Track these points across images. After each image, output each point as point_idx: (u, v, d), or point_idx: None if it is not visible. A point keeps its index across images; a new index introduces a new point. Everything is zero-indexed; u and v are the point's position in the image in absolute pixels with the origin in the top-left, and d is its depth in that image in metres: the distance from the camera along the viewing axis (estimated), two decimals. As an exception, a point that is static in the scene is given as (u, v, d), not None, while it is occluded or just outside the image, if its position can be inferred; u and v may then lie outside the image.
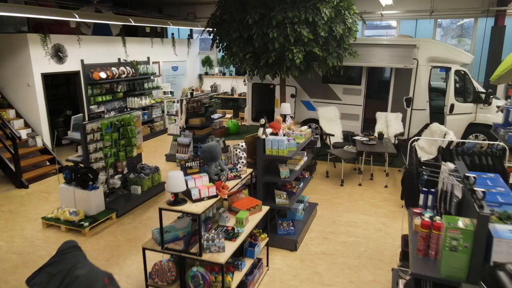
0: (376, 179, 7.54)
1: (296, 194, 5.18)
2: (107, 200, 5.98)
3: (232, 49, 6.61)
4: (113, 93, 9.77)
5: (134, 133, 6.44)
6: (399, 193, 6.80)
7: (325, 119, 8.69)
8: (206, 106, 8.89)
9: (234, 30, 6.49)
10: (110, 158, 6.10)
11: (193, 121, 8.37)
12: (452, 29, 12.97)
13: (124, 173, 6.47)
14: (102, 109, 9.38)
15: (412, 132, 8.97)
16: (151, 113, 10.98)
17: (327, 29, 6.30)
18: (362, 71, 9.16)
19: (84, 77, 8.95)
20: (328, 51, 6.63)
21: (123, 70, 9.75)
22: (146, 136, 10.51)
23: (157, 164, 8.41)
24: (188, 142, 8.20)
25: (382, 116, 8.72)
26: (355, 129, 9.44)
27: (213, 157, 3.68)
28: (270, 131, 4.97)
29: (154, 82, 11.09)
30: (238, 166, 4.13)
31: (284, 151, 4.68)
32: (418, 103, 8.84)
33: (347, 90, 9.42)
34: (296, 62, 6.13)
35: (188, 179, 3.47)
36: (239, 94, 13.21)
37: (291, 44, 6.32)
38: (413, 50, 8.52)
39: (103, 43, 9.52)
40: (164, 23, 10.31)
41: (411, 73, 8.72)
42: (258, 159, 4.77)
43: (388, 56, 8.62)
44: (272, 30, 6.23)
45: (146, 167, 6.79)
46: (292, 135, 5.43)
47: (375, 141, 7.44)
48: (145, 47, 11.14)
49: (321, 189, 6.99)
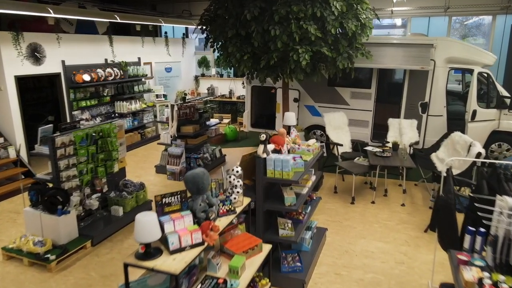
0: (390, 195, 6.69)
1: (303, 223, 4.33)
2: (82, 225, 5.13)
3: (228, 49, 5.74)
4: (99, 97, 8.91)
5: (115, 145, 5.59)
6: (419, 213, 5.96)
7: (332, 126, 7.83)
8: (201, 112, 8.04)
9: (230, 27, 5.64)
10: (86, 176, 5.25)
11: (185, 129, 7.53)
12: (455, 28, 12.12)
13: (104, 191, 5.62)
14: (87, 114, 8.53)
15: (428, 141, 8.12)
16: (142, 118, 10.13)
17: (338, 25, 5.44)
18: (372, 73, 8.32)
19: (66, 79, 8.10)
20: (338, 51, 5.78)
21: (110, 72, 8.90)
22: (136, 143, 9.67)
23: (146, 177, 7.59)
24: (179, 153, 7.36)
25: (395, 123, 7.87)
26: (364, 137, 8.60)
27: (199, 189, 2.83)
28: (272, 147, 4.12)
29: (146, 84, 10.23)
30: (232, 197, 3.28)
31: (289, 173, 3.83)
32: (435, 108, 8.00)
33: (355, 94, 8.58)
34: (301, 64, 5.28)
35: (165, 221, 2.62)
36: (237, 97, 12.35)
37: (296, 43, 5.47)
38: (430, 50, 7.68)
39: (87, 42, 8.66)
40: (155, 20, 9.46)
41: (428, 76, 7.88)
42: (257, 182, 3.93)
43: (402, 57, 7.77)
44: (274, 27, 5.37)
45: (130, 184, 5.94)
46: (297, 150, 4.59)
47: (389, 153, 6.59)
48: (136, 47, 10.29)
49: (329, 208, 6.14)
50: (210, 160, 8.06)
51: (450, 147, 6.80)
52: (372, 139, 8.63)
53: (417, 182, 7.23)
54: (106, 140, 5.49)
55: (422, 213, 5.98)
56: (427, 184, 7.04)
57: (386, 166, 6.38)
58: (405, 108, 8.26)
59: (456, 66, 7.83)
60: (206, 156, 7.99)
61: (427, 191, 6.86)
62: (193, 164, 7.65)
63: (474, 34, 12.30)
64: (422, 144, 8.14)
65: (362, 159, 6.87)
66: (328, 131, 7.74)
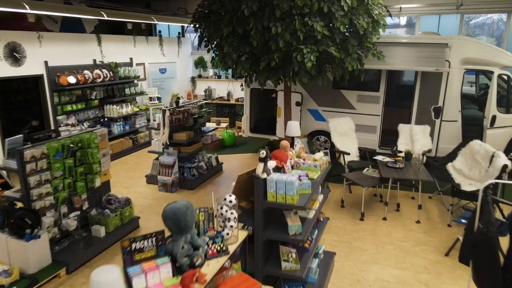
0: (403, 210, 6.07)
1: (310, 251, 3.71)
2: (56, 249, 4.51)
3: (223, 49, 5.11)
4: (86, 101, 8.29)
5: (96, 157, 4.97)
6: (437, 232, 5.34)
7: (338, 133, 7.21)
8: (195, 117, 7.43)
9: (225, 24, 5.01)
10: (62, 192, 4.63)
11: (178, 136, 6.92)
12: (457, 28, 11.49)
13: (84, 209, 5.00)
14: (73, 120, 7.90)
15: (441, 148, 7.51)
16: (134, 122, 9.50)
17: (347, 22, 4.82)
18: (381, 75, 7.70)
19: (49, 82, 7.48)
20: (346, 51, 5.15)
21: (99, 74, 8.27)
22: (127, 150, 9.04)
23: (136, 188, 6.97)
24: (171, 162, 6.74)
25: (406, 129, 7.23)
26: (372, 144, 7.98)
27: (182, 227, 2.21)
28: (273, 164, 3.49)
29: (138, 86, 9.61)
30: (224, 232, 2.65)
31: (294, 197, 3.21)
32: (449, 113, 7.38)
33: (362, 98, 7.96)
34: (306, 65, 4.65)
35: (134, 275, 1.99)
36: (236, 100, 11.73)
37: (300, 42, 4.84)
38: (445, 50, 7.06)
39: (73, 41, 8.04)
40: (147, 18, 8.82)
41: (441, 78, 7.26)
42: (256, 207, 3.31)
43: (414, 58, 7.15)
44: (275, 24, 4.75)
45: (114, 199, 5.32)
46: (303, 166, 3.97)
47: (402, 163, 5.97)
48: (127, 47, 9.66)
49: (336, 226, 5.52)
50: (205, 169, 7.44)
51: (469, 156, 6.17)
52: (380, 146, 8.02)
53: (431, 194, 6.60)
54: (85, 152, 4.87)
55: (440, 232, 5.36)
56: (443, 197, 6.41)
57: (399, 179, 5.75)
58: (417, 113, 7.63)
59: (473, 68, 7.21)
60: (201, 165, 7.37)
61: (443, 205, 6.24)
62: (187, 174, 7.02)
63: (478, 34, 11.69)
64: (434, 152, 7.52)
65: (372, 169, 6.25)
66: (333, 138, 7.12)
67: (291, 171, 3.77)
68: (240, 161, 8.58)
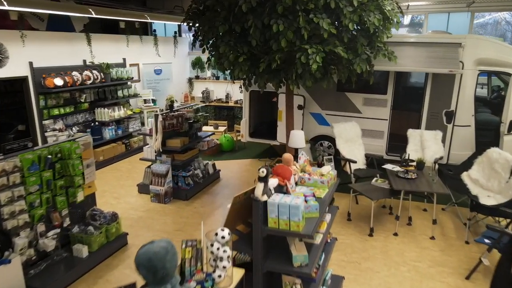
0: (415, 223, 5.59)
1: (317, 281, 3.22)
2: (31, 273, 4.03)
3: (219, 49, 4.62)
4: (75, 104, 7.80)
5: (78, 169, 4.48)
6: (454, 251, 4.86)
7: (343, 139, 6.73)
8: (191, 122, 6.95)
9: (221, 22, 4.52)
10: (38, 209, 4.15)
11: (171, 143, 6.44)
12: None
13: (65, 226, 4.51)
14: (60, 124, 7.42)
15: (453, 155, 7.04)
16: (127, 126, 9.02)
17: (356, 19, 4.33)
18: (389, 76, 7.22)
19: (34, 84, 6.99)
20: (355, 51, 4.67)
21: (88, 75, 7.79)
22: (119, 155, 8.56)
23: (126, 198, 6.50)
24: (164, 171, 6.26)
25: (416, 135, 6.76)
26: (378, 150, 7.50)
27: (158, 277, 1.72)
28: (275, 182, 3.01)
29: (131, 88, 9.12)
30: (215, 274, 2.17)
31: (300, 224, 2.73)
32: (462, 117, 6.91)
33: (369, 101, 7.48)
34: (312, 68, 4.16)
35: None
36: (235, 102, 11.25)
37: (304, 42, 4.36)
38: (458, 50, 6.58)
39: (61, 41, 7.56)
40: (140, 16, 8.33)
41: (454, 80, 6.78)
42: (255, 235, 2.82)
43: (425, 58, 6.67)
44: (276, 21, 4.27)
45: (99, 214, 4.84)
46: (308, 182, 3.49)
47: (414, 173, 5.49)
48: (120, 47, 9.18)
49: (343, 243, 5.04)
50: (202, 178, 6.95)
51: (486, 166, 5.70)
52: (388, 152, 7.54)
53: (445, 206, 6.12)
54: (66, 163, 4.39)
55: (458, 250, 4.88)
56: (458, 209, 5.94)
57: (412, 191, 5.26)
58: (427, 117, 7.16)
59: (488, 69, 6.74)
60: (197, 173, 6.88)
61: (458, 218, 5.76)
62: (181, 183, 6.54)
63: (481, 34, 11.24)
64: (446, 159, 7.05)
65: (381, 180, 5.77)
66: (338, 145, 6.63)
67: (295, 189, 3.29)
68: (239, 168, 8.10)
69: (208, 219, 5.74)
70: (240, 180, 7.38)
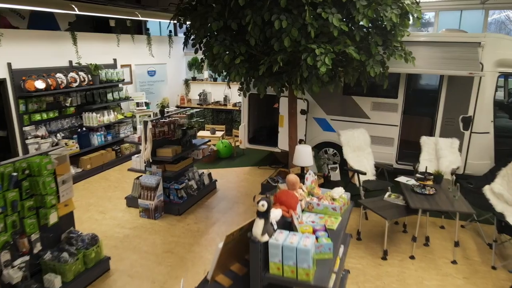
0: (434, 243, 5.01)
1: (329, 333, 2.64)
2: (-8, 311, 3.45)
3: (212, 49, 4.02)
4: (60, 108, 7.22)
5: (50, 187, 3.90)
6: (480, 277, 4.27)
7: (351, 147, 6.14)
8: (184, 129, 6.37)
9: (214, 18, 3.92)
10: (2, 235, 3.56)
11: (162, 152, 5.86)
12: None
13: (36, 253, 3.93)
14: (43, 131, 6.84)
15: (471, 165, 6.47)
16: (117, 131, 8.44)
17: (371, 15, 3.74)
18: (400, 79, 6.64)
19: (14, 87, 6.41)
20: (368, 52, 4.08)
21: (74, 77, 7.20)
22: (109, 163, 7.98)
23: (113, 213, 5.93)
24: (154, 184, 5.67)
25: (430, 142, 6.16)
26: (388, 158, 6.94)
27: None
28: (278, 214, 2.42)
29: (122, 91, 8.54)
30: None
31: (310, 272, 2.14)
32: (480, 123, 6.34)
33: (377, 105, 6.90)
34: (320, 71, 3.57)
35: None
36: (233, 105, 10.68)
37: (311, 40, 3.77)
38: (477, 50, 6.00)
39: (44, 40, 6.98)
40: (130, 13, 7.74)
41: (472, 83, 6.21)
42: (253, 282, 2.24)
43: (441, 59, 6.08)
44: (279, 17, 3.68)
45: (77, 237, 4.25)
46: (317, 208, 2.92)
47: (432, 188, 4.90)
48: (110, 47, 8.60)
49: (354, 268, 4.45)
50: (196, 189, 6.37)
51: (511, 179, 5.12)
52: (398, 161, 6.97)
53: (465, 223, 5.53)
54: (35, 181, 3.80)
55: (484, 277, 4.29)
56: (480, 226, 5.35)
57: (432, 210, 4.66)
58: (442, 124, 6.58)
59: (510, 71, 6.15)
60: (191, 184, 6.30)
61: (480, 238, 5.17)
62: (173, 196, 5.96)
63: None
64: (462, 169, 6.47)
65: (394, 195, 5.17)
66: (346, 154, 6.05)
67: (302, 219, 2.71)
68: (237, 177, 7.51)
69: (202, 239, 5.16)
70: (238, 191, 6.79)
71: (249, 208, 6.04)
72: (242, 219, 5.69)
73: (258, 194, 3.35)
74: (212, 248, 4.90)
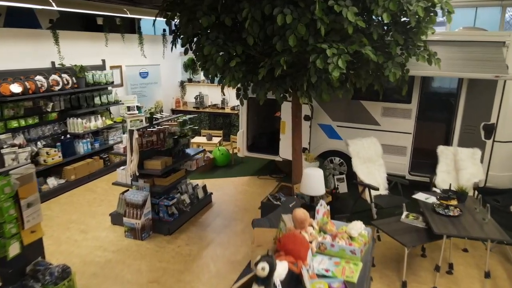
0: (458, 270, 4.39)
1: None
2: None
3: (203, 49, 3.39)
4: (41, 114, 6.59)
5: (8, 215, 3.27)
6: (519, 318, 3.65)
7: (361, 159, 5.53)
8: (176, 138, 5.75)
9: (204, 12, 3.29)
10: None
11: (150, 165, 5.24)
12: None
13: (-7, 290, 3.31)
14: (20, 139, 6.21)
15: (493, 177, 5.87)
16: (106, 138, 7.82)
17: (394, 8, 3.11)
18: (414, 82, 6.03)
19: (-13, 91, 5.78)
20: (387, 53, 3.45)
21: (57, 80, 6.58)
22: (96, 173, 7.35)
23: (96, 232, 5.33)
24: (141, 201, 5.04)
25: (448, 153, 5.55)
26: (400, 168, 6.34)
27: None
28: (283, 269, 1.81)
29: (112, 94, 7.91)
30: None
31: None
32: (504, 132, 5.73)
33: (389, 111, 6.29)
34: (332, 76, 2.95)
35: None
36: (232, 108, 10.07)
37: (321, 39, 3.15)
38: (502, 50, 5.39)
39: (22, 39, 6.36)
40: (118, 10, 7.11)
41: (496, 87, 5.60)
42: None
43: (460, 60, 5.47)
44: (282, 10, 3.05)
45: (45, 269, 3.62)
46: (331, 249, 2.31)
47: (456, 209, 4.28)
48: (98, 47, 7.97)
49: (369, 304, 3.83)
50: (189, 204, 5.75)
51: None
52: (411, 171, 6.36)
53: (491, 245, 4.90)
54: (-9, 207, 3.18)
55: (522, 316, 3.68)
56: (509, 248, 4.74)
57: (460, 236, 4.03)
58: (460, 131, 5.96)
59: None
60: (183, 199, 5.67)
61: (509, 263, 4.55)
62: (163, 213, 5.34)
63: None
64: (484, 181, 5.85)
65: (412, 215, 4.54)
66: (355, 166, 5.43)
67: (314, 273, 2.09)
68: (235, 189, 6.89)
69: (194, 265, 4.53)
70: (236, 205, 6.18)
71: (247, 227, 5.42)
72: (239, 239, 5.08)
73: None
74: (205, 276, 4.29)
